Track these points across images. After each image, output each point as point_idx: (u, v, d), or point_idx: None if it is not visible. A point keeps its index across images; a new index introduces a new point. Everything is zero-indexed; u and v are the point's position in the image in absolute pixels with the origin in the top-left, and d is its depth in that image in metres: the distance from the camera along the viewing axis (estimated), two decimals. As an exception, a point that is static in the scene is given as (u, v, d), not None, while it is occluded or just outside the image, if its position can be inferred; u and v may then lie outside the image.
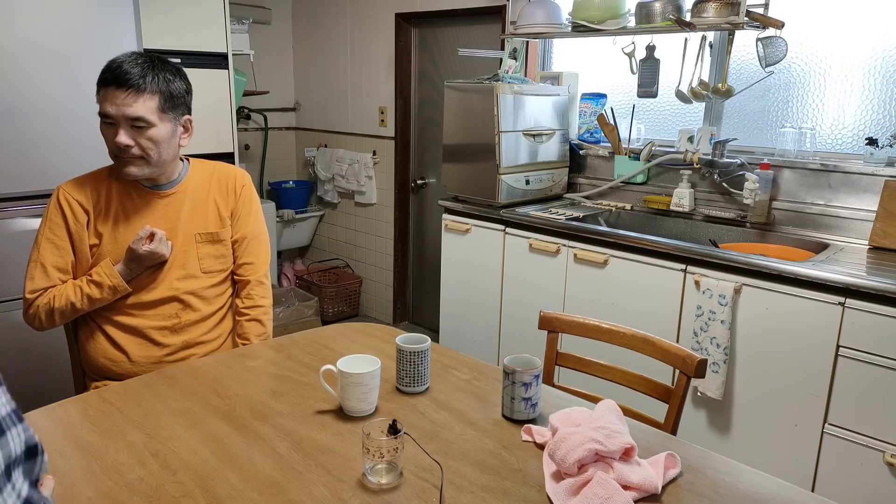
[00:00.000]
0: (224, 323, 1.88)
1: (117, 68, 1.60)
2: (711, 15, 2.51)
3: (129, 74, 1.59)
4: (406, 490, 1.12)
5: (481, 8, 3.51)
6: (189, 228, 1.78)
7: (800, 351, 2.13)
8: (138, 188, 1.74)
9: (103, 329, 1.74)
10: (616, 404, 1.30)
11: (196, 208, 1.79)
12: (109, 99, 1.60)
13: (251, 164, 4.67)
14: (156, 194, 1.76)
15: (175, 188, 1.78)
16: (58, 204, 1.70)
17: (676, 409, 1.52)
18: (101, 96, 1.61)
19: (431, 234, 4.14)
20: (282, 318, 3.90)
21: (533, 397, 1.35)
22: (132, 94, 1.60)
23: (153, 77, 1.63)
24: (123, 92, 1.59)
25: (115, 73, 1.59)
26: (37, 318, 1.71)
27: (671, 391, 1.57)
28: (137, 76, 1.60)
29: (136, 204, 1.74)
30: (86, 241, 1.71)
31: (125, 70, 1.59)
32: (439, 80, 3.83)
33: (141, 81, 1.60)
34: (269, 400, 1.44)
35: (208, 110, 3.02)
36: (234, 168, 1.90)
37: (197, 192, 1.81)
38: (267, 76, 4.54)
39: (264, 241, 1.93)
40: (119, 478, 1.14)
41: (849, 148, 2.59)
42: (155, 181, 1.75)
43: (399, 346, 1.46)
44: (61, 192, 1.72)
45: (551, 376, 1.73)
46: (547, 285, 2.77)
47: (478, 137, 2.97)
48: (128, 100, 1.59)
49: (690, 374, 1.51)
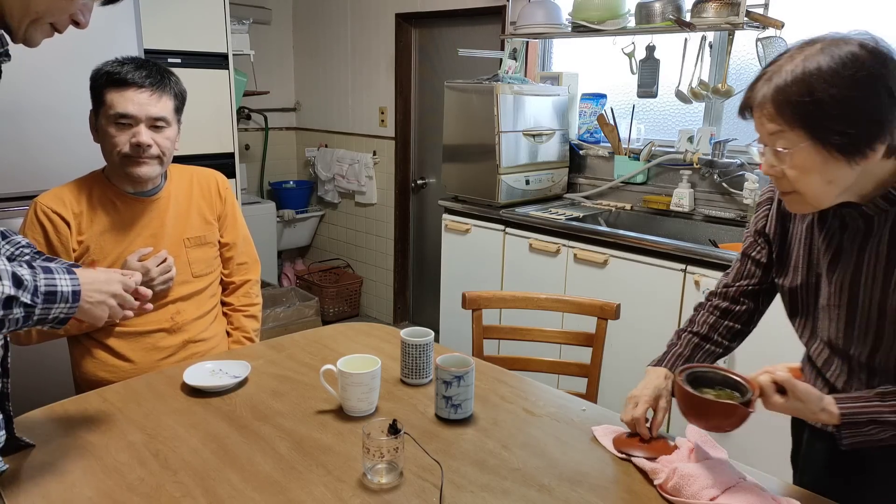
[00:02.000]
0: (218, 322, 1.88)
1: (134, 70, 1.60)
2: (711, 15, 2.51)
3: (149, 75, 1.61)
4: (406, 490, 1.13)
5: (481, 8, 3.51)
6: (176, 234, 1.76)
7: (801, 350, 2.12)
8: (122, 195, 1.70)
9: (101, 342, 1.70)
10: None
11: (180, 213, 1.78)
12: (129, 99, 1.59)
13: (251, 164, 4.67)
14: (140, 201, 1.72)
15: (158, 194, 1.75)
16: (35, 218, 1.64)
17: (600, 350, 1.84)
18: (115, 97, 1.59)
19: (431, 234, 4.14)
20: (282, 318, 3.89)
21: (454, 398, 1.34)
22: (156, 94, 1.61)
23: (169, 79, 1.66)
24: (147, 92, 1.60)
25: (133, 74, 1.59)
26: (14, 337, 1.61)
27: (592, 336, 1.86)
28: (158, 77, 1.62)
29: (121, 211, 1.71)
30: (70, 254, 1.66)
31: (143, 71, 1.60)
32: (439, 81, 3.83)
33: (162, 82, 1.63)
34: (270, 400, 1.44)
35: (208, 110, 3.02)
36: (212, 171, 1.90)
37: (180, 197, 1.79)
38: (267, 76, 4.54)
39: (251, 240, 1.98)
40: (119, 478, 1.14)
41: (849, 148, 2.59)
42: (141, 187, 1.71)
43: (403, 339, 1.50)
44: (38, 205, 1.65)
45: (481, 350, 1.91)
46: (547, 285, 2.77)
47: (478, 137, 2.98)
48: (151, 99, 1.61)
49: (610, 318, 1.84)
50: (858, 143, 0.98)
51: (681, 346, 1.37)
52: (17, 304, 1.01)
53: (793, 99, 0.99)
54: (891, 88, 0.97)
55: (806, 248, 1.20)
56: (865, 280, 1.11)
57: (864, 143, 0.99)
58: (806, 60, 0.99)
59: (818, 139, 0.99)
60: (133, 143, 1.60)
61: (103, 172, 1.73)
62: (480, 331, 1.92)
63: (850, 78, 0.96)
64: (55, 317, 1.08)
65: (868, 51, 0.98)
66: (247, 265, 1.94)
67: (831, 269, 1.15)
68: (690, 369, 1.19)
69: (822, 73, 0.97)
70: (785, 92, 1.00)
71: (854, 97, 0.97)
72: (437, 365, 1.35)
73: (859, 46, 0.98)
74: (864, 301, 1.11)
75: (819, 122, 0.99)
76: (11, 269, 1.01)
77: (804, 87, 0.98)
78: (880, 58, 0.98)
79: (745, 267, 1.35)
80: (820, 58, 0.98)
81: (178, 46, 2.90)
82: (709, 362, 1.35)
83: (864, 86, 0.97)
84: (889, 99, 0.97)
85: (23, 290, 1.02)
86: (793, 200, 1.10)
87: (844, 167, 1.01)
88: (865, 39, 0.99)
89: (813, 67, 0.98)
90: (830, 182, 1.03)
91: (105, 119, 1.61)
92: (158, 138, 1.64)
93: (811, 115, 0.99)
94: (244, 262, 1.93)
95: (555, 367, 1.92)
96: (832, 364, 1.21)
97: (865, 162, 1.00)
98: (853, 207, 1.09)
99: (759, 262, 1.33)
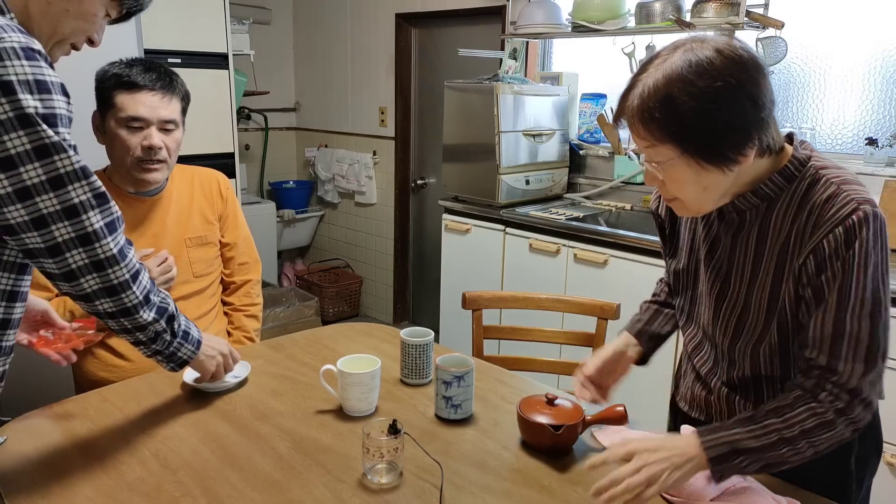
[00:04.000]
0: (219, 321, 1.89)
1: (143, 72, 1.59)
2: (711, 15, 2.50)
3: (159, 78, 1.60)
4: (406, 490, 1.13)
5: (481, 8, 3.51)
6: (177, 233, 1.76)
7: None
8: (124, 195, 1.69)
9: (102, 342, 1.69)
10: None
11: (181, 213, 1.78)
12: (140, 101, 1.58)
13: (251, 164, 4.67)
14: (141, 200, 1.72)
15: (160, 193, 1.75)
16: None
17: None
18: (125, 100, 1.58)
19: (431, 234, 4.14)
20: (282, 318, 3.89)
21: (454, 398, 1.34)
22: (166, 96, 1.61)
23: (176, 81, 1.66)
24: (158, 94, 1.59)
25: (143, 77, 1.59)
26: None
27: (592, 336, 1.86)
28: (167, 80, 1.62)
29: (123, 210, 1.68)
30: None
31: (153, 74, 1.60)
32: (439, 81, 3.83)
33: (171, 84, 1.62)
34: (270, 400, 1.44)
35: (208, 110, 3.01)
36: (214, 171, 1.90)
37: (181, 197, 1.79)
38: (267, 76, 4.53)
39: (252, 240, 1.98)
40: (119, 477, 1.14)
41: (849, 148, 2.59)
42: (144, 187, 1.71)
43: (403, 339, 1.50)
44: None
45: (481, 350, 1.92)
46: (547, 285, 2.77)
47: (478, 137, 2.97)
48: (162, 102, 1.61)
49: (610, 318, 1.84)
50: (725, 153, 0.99)
51: (641, 313, 1.46)
52: (175, 323, 1.20)
53: (656, 115, 0.98)
54: (751, 94, 0.97)
55: (690, 233, 1.24)
56: (735, 271, 1.14)
57: (732, 152, 0.99)
58: (666, 70, 0.98)
59: (686, 153, 1.00)
60: (145, 145, 1.60)
61: (104, 172, 1.73)
62: (480, 331, 1.93)
63: (708, 90, 0.95)
64: (181, 356, 1.25)
65: (725, 56, 0.96)
66: (248, 265, 1.94)
67: (709, 257, 1.18)
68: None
69: (682, 85, 0.96)
70: (649, 108, 0.99)
71: (713, 109, 0.96)
72: (437, 365, 1.35)
73: (716, 52, 0.97)
74: (732, 291, 1.15)
75: (683, 136, 0.99)
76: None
77: (666, 101, 0.97)
78: (738, 63, 0.96)
79: None
80: (680, 66, 0.97)
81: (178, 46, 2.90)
82: (671, 325, 1.41)
83: (723, 97, 0.95)
84: (751, 105, 0.97)
85: (176, 319, 1.21)
86: (677, 207, 1.12)
87: (718, 175, 1.01)
88: (721, 46, 0.98)
89: (674, 78, 0.96)
90: (707, 189, 1.04)
91: (115, 121, 1.60)
92: (168, 140, 1.64)
93: (675, 132, 0.98)
94: (245, 262, 1.93)
95: (555, 367, 1.92)
96: (701, 349, 1.26)
97: (738, 167, 1.01)
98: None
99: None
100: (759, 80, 0.97)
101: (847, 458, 1.18)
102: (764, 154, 1.03)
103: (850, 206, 0.99)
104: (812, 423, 1.02)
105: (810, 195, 1.04)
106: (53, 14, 0.99)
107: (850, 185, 1.03)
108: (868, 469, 1.23)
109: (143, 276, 1.13)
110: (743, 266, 1.13)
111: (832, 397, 1.02)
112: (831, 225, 1.00)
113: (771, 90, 0.99)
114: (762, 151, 1.02)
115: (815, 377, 1.04)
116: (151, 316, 1.14)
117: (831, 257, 1.00)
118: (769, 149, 1.03)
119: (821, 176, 1.05)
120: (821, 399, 1.03)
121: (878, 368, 1.03)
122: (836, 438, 1.03)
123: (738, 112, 0.97)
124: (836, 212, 1.00)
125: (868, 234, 0.99)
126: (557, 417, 1.23)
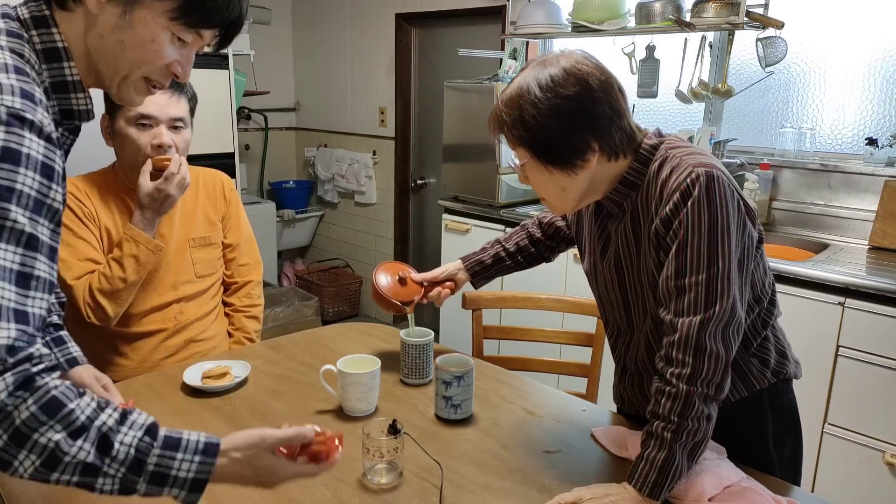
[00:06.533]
0: (220, 322, 1.88)
1: None
2: (711, 15, 2.50)
3: None
4: (406, 490, 1.13)
5: (481, 8, 3.51)
6: (182, 233, 1.76)
7: (799, 351, 2.11)
8: (132, 194, 1.66)
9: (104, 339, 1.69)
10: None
11: (186, 213, 1.78)
12: (149, 100, 1.55)
13: (251, 164, 4.67)
14: None
15: None
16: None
17: (600, 350, 1.83)
18: None
19: (431, 234, 4.14)
20: (282, 318, 3.89)
21: (454, 398, 1.34)
22: (175, 95, 1.61)
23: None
24: (167, 93, 1.59)
25: None
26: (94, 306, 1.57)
27: (592, 336, 1.86)
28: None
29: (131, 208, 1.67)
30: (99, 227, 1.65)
31: None
32: (439, 81, 3.83)
33: (179, 84, 1.62)
34: (269, 400, 1.44)
35: (208, 110, 3.01)
36: (217, 172, 1.90)
37: (186, 198, 1.77)
38: (267, 76, 4.53)
39: (254, 241, 1.97)
40: (119, 478, 1.14)
41: (849, 148, 2.60)
42: None
43: (403, 339, 1.50)
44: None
45: (481, 350, 1.92)
46: (547, 285, 2.76)
47: (478, 137, 2.98)
48: (171, 101, 1.60)
49: None
50: (567, 159, 1.10)
51: (486, 255, 1.61)
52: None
53: (508, 121, 1.11)
54: (588, 108, 1.07)
55: (588, 234, 1.33)
56: (625, 259, 1.22)
57: (573, 159, 1.10)
58: (519, 83, 1.10)
59: (535, 157, 1.12)
60: (154, 143, 1.59)
61: (112, 168, 1.73)
62: (480, 331, 1.93)
63: (550, 105, 1.07)
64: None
65: (569, 73, 1.07)
66: (249, 266, 1.92)
67: (603, 252, 1.27)
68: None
69: (528, 97, 1.08)
70: (504, 114, 1.11)
71: (553, 125, 1.07)
72: (437, 365, 1.35)
73: (562, 70, 1.08)
74: (628, 278, 1.23)
75: (531, 143, 1.10)
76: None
77: (516, 110, 1.09)
78: (580, 80, 1.07)
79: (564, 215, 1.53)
80: (528, 81, 1.09)
81: (178, 46, 2.90)
82: (502, 273, 1.63)
83: (564, 113, 1.07)
84: (588, 116, 1.08)
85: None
86: (546, 205, 1.24)
87: (567, 177, 1.12)
88: (568, 64, 1.08)
89: (523, 91, 1.09)
90: (564, 190, 1.15)
91: (125, 121, 1.60)
92: (177, 139, 1.64)
93: (524, 137, 1.10)
94: (246, 263, 1.92)
95: (555, 367, 1.92)
96: (618, 340, 1.34)
97: (584, 171, 1.11)
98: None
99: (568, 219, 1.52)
100: (600, 94, 1.08)
101: (764, 442, 1.25)
102: (612, 158, 1.13)
103: (686, 171, 1.07)
104: (678, 406, 1.04)
105: (661, 172, 1.13)
106: (108, 49, 0.94)
107: (692, 156, 1.11)
108: (786, 447, 1.28)
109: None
110: (628, 251, 1.21)
111: (677, 369, 1.06)
112: (671, 191, 1.08)
113: (617, 101, 1.10)
114: (609, 156, 1.12)
115: (664, 352, 1.08)
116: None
117: (671, 220, 1.09)
118: (616, 152, 1.12)
119: (669, 155, 1.13)
120: (667, 378, 1.06)
121: (716, 318, 1.05)
122: (709, 402, 1.05)
123: (576, 125, 1.08)
124: (675, 179, 1.09)
125: (701, 193, 1.05)
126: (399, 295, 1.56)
